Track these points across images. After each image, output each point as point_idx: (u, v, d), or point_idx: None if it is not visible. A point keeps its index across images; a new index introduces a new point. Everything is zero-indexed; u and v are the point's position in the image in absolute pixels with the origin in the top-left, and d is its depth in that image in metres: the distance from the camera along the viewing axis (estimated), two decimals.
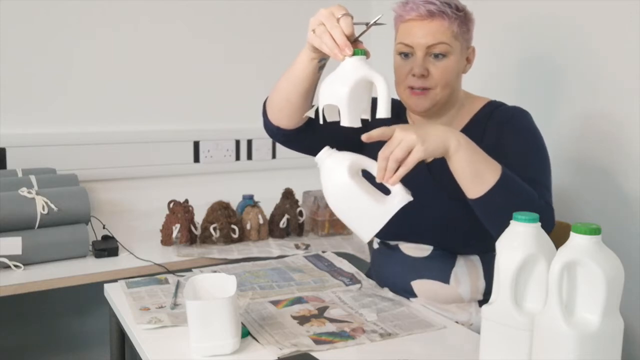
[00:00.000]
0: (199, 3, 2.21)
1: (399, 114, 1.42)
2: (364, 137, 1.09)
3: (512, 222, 0.96)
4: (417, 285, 1.36)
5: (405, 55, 1.29)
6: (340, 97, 1.02)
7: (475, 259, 1.35)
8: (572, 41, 1.70)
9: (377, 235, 1.41)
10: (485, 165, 1.13)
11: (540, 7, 1.77)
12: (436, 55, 1.26)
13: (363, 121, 1.07)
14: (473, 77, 1.42)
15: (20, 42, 1.93)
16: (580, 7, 1.67)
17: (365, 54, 1.05)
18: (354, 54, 1.03)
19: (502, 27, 1.90)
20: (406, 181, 1.12)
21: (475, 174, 1.12)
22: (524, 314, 0.94)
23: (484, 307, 0.99)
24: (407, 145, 1.06)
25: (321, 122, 1.10)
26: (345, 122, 1.04)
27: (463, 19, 1.28)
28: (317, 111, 1.11)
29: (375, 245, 1.49)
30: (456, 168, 1.13)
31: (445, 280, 1.33)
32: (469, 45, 1.33)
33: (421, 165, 1.20)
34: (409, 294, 1.37)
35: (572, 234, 0.87)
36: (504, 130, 1.30)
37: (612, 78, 1.61)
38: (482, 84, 1.56)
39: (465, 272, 1.34)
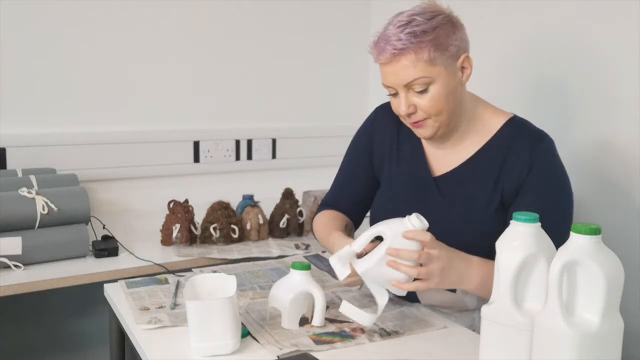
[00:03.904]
0: (199, 3, 2.21)
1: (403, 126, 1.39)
2: (410, 235, 1.11)
3: (512, 222, 0.96)
4: (422, 291, 1.32)
5: (393, 94, 1.27)
6: (282, 305, 1.19)
7: None
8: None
9: None
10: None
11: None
12: (418, 90, 1.22)
13: None
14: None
15: (20, 42, 1.93)
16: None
17: (309, 267, 1.22)
18: (300, 268, 1.20)
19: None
20: (417, 198, 1.31)
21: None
22: (524, 314, 0.94)
23: (484, 307, 0.99)
24: (427, 274, 1.11)
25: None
26: (284, 324, 1.19)
27: (435, 41, 1.18)
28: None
29: None
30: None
31: (452, 288, 1.28)
32: (458, 56, 1.22)
33: (431, 184, 1.33)
34: (412, 299, 1.35)
35: (572, 234, 0.87)
36: (530, 174, 1.24)
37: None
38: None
39: None
